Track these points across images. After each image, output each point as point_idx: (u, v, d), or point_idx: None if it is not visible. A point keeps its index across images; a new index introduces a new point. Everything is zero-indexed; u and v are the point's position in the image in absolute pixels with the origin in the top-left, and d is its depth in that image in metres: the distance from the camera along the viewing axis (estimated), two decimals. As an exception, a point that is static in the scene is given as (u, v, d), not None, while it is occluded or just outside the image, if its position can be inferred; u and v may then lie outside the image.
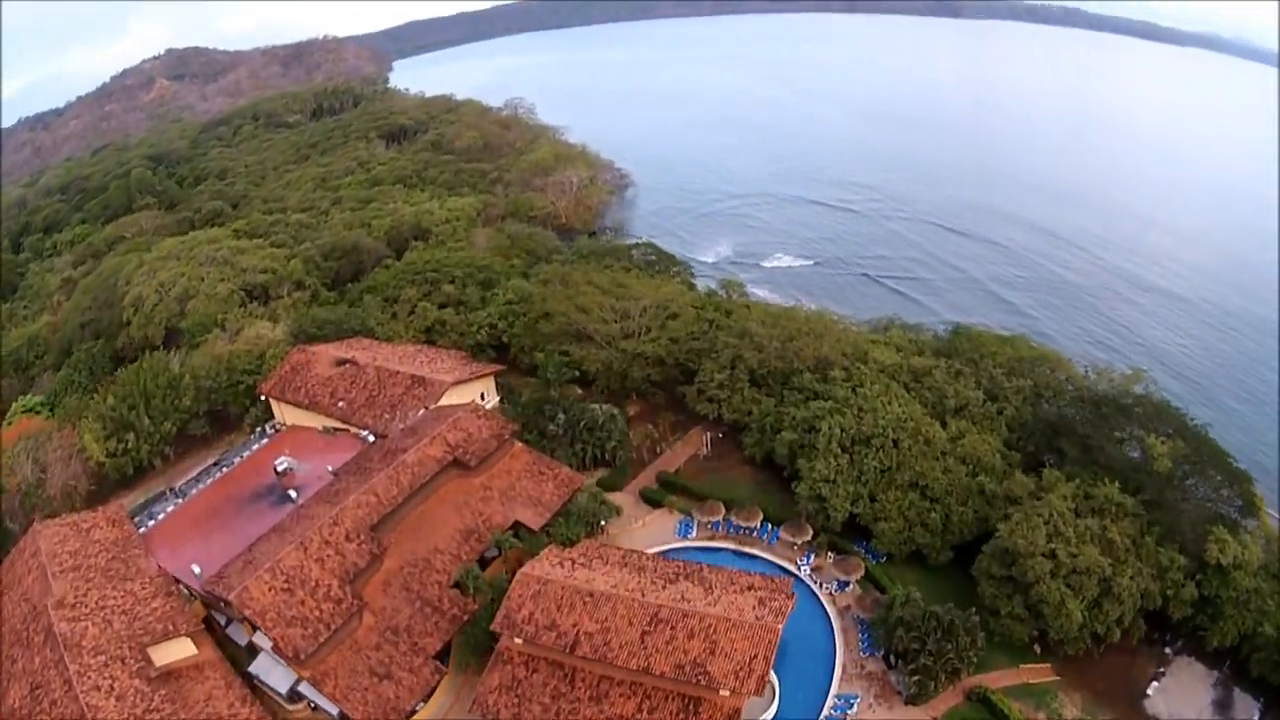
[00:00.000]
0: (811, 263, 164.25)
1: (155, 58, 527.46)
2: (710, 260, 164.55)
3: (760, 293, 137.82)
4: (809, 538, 77.34)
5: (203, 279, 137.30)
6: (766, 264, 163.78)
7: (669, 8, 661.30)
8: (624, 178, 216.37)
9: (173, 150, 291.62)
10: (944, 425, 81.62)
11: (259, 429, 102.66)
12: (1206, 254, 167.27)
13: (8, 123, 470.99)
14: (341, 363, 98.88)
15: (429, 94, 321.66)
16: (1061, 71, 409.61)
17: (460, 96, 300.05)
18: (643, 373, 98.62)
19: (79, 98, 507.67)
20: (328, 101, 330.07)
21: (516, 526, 77.16)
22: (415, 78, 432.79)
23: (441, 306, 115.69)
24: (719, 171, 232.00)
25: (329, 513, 72.55)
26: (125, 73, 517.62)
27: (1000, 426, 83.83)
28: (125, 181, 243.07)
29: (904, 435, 77.88)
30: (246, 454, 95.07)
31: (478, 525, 75.93)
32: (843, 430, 78.37)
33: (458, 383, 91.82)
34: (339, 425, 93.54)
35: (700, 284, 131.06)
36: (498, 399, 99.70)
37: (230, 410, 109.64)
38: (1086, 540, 67.55)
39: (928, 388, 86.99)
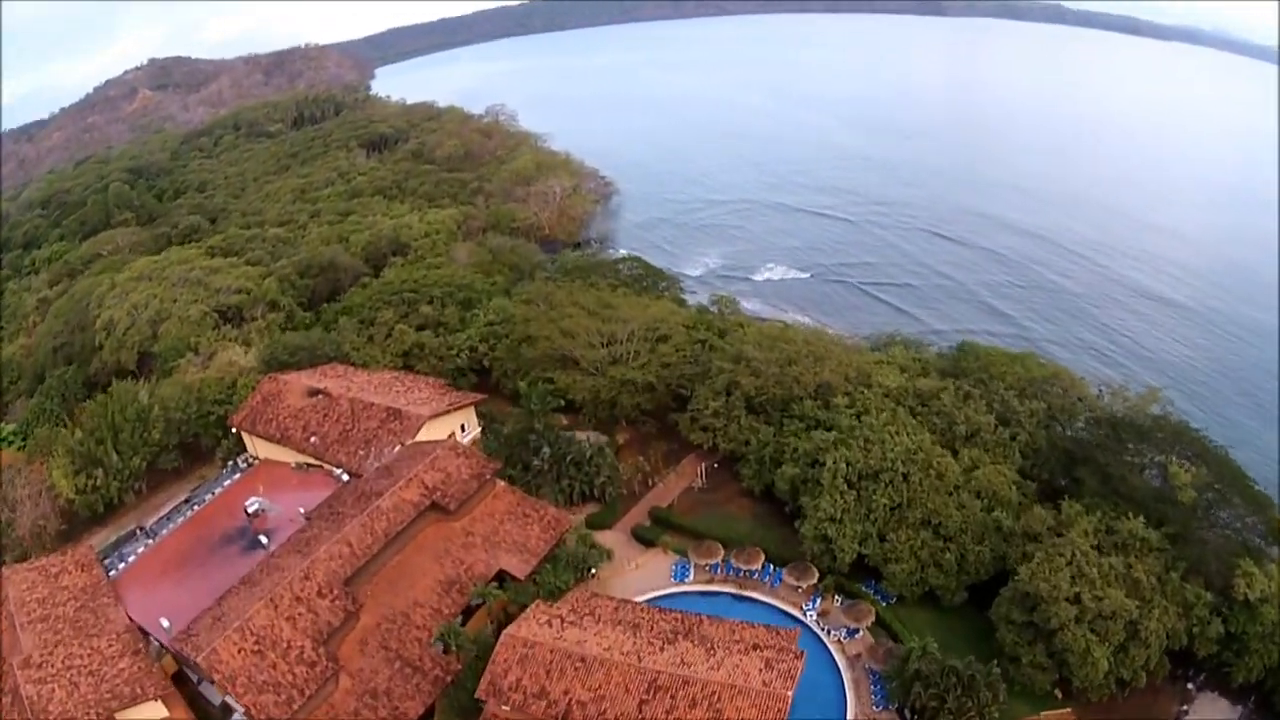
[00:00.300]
0: (802, 274, 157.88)
1: (138, 68, 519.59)
2: (698, 273, 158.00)
3: (751, 306, 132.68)
4: (814, 580, 71.56)
5: (175, 301, 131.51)
6: (756, 276, 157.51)
7: (651, 9, 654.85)
8: (608, 185, 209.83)
9: (153, 163, 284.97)
10: (955, 454, 76.06)
11: (231, 462, 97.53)
12: (1207, 258, 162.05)
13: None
14: (314, 393, 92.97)
15: (411, 101, 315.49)
16: (1048, 69, 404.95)
17: (442, 103, 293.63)
18: (632, 400, 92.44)
19: (62, 109, 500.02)
20: (309, 110, 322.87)
21: (501, 575, 71.27)
22: (398, 84, 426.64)
23: (420, 329, 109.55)
24: (704, 179, 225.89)
25: (300, 565, 66.91)
26: (108, 83, 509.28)
27: (1014, 454, 78.43)
28: (103, 197, 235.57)
29: (914, 469, 72.23)
30: (218, 490, 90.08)
31: (459, 575, 69.99)
32: (849, 464, 72.64)
33: (435, 415, 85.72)
34: (312, 461, 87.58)
35: (690, 299, 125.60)
36: (479, 429, 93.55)
37: (202, 441, 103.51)
38: (1111, 581, 62.58)
39: (936, 413, 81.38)
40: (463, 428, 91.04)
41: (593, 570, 72.98)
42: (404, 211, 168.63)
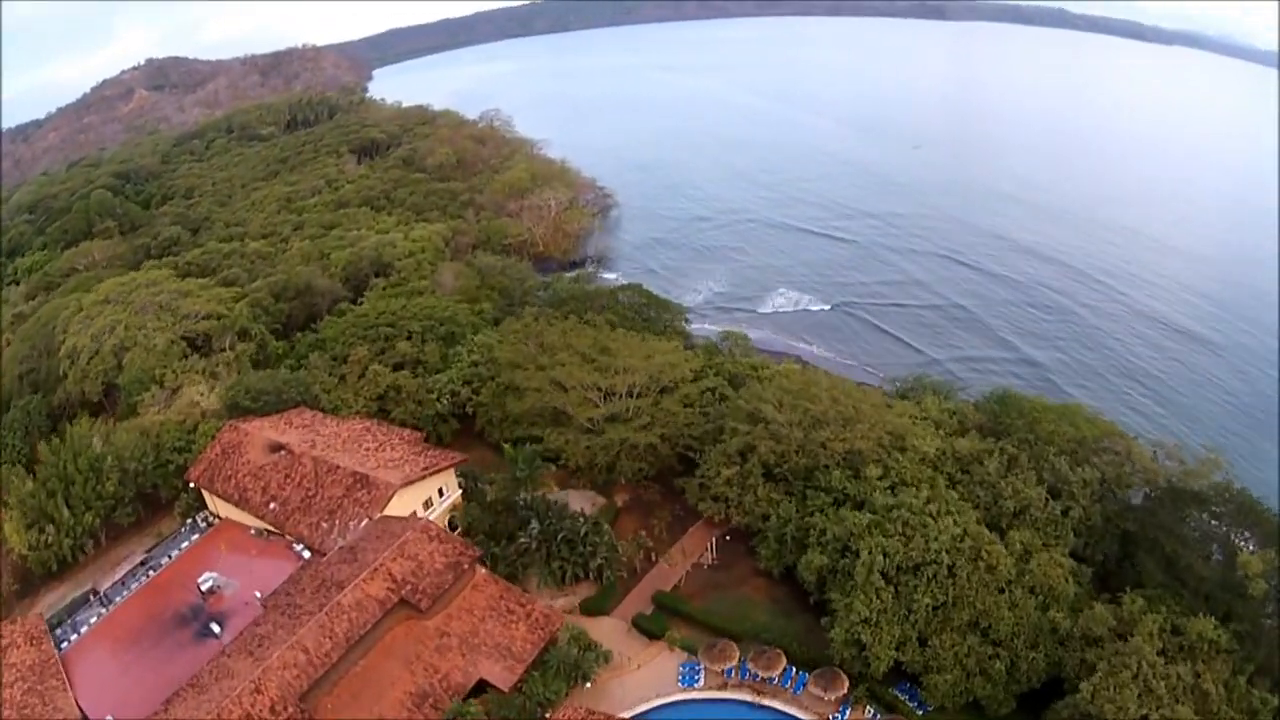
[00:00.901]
0: (813, 304, 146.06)
1: (135, 68, 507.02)
2: (701, 298, 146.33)
3: (760, 336, 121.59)
4: (844, 691, 60.45)
5: (142, 328, 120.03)
6: (764, 306, 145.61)
7: (652, 10, 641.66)
8: (607, 197, 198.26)
9: (142, 167, 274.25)
10: (1003, 536, 65.03)
11: (190, 520, 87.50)
12: (1234, 288, 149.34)
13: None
14: (276, 448, 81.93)
15: (407, 103, 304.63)
16: (1054, 75, 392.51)
17: (438, 106, 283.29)
18: (634, 465, 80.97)
19: (59, 109, 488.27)
20: (302, 113, 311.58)
21: (481, 684, 60.10)
22: (395, 86, 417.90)
23: (397, 367, 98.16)
24: (705, 192, 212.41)
25: (251, 672, 56.40)
26: (105, 83, 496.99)
27: (1067, 532, 68.01)
28: (86, 204, 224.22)
29: (961, 560, 61.10)
30: (175, 554, 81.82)
31: (433, 686, 58.83)
32: (886, 556, 61.43)
33: (408, 483, 74.30)
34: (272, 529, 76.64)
35: (697, 331, 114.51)
36: (459, 491, 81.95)
37: (161, 492, 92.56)
38: (1180, 695, 53.88)
39: (979, 483, 70.53)
40: (441, 491, 79.57)
41: (588, 680, 61.65)
42: (390, 225, 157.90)
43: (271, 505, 75.96)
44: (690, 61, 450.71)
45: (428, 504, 77.63)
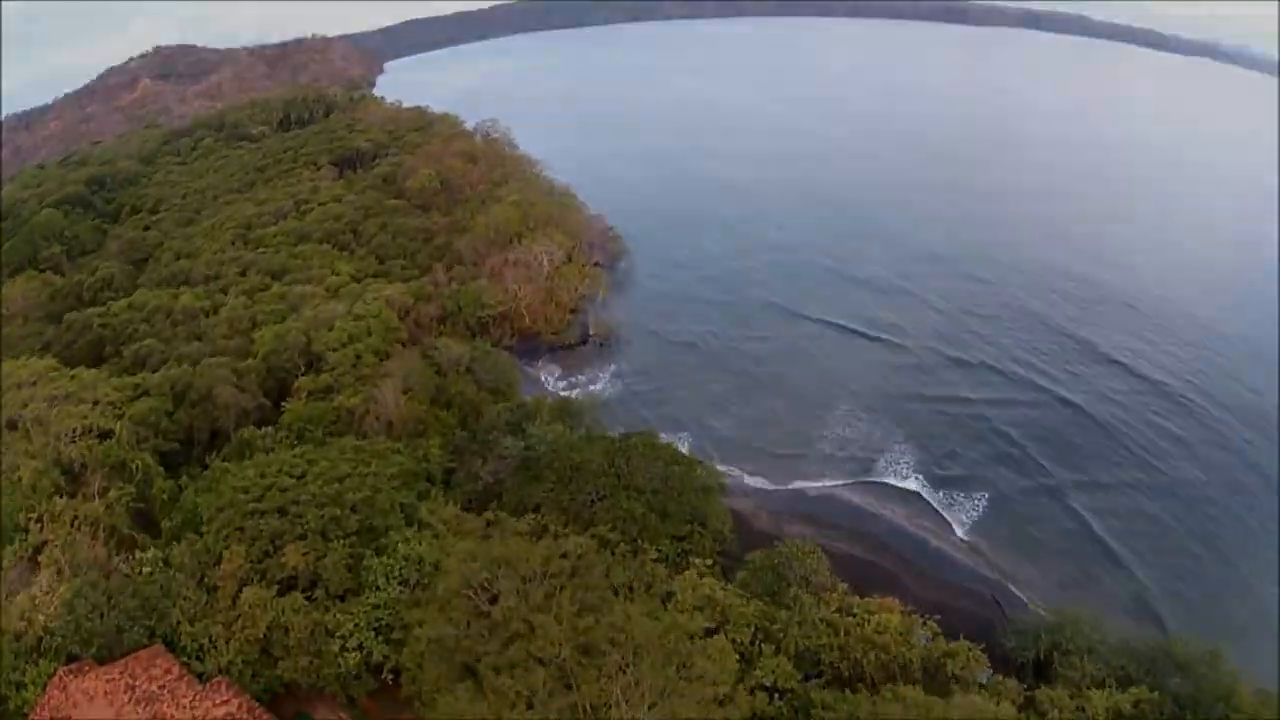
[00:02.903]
0: (893, 470, 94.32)
1: (142, 56, 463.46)
2: (748, 467, 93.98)
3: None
4: None
5: (9, 448, 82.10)
6: (805, 476, 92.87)
7: (671, 8, 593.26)
8: (614, 240, 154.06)
9: (120, 170, 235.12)
10: None
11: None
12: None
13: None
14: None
15: (409, 102, 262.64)
16: (1103, 89, 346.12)
17: (440, 108, 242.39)
18: None
19: (65, 95, 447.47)
20: (296, 111, 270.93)
21: None
22: (404, 80, 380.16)
23: (286, 589, 59.11)
24: (740, 237, 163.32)
25: None
26: (111, 71, 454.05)
27: None
28: (31, 227, 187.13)
29: None
30: None
31: None
32: None
33: None
34: None
35: (739, 499, 73.99)
36: None
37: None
38: None
39: None
40: None
41: None
42: (345, 276, 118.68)
43: None
44: (712, 62, 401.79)
45: None
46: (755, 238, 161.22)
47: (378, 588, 58.65)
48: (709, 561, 63.50)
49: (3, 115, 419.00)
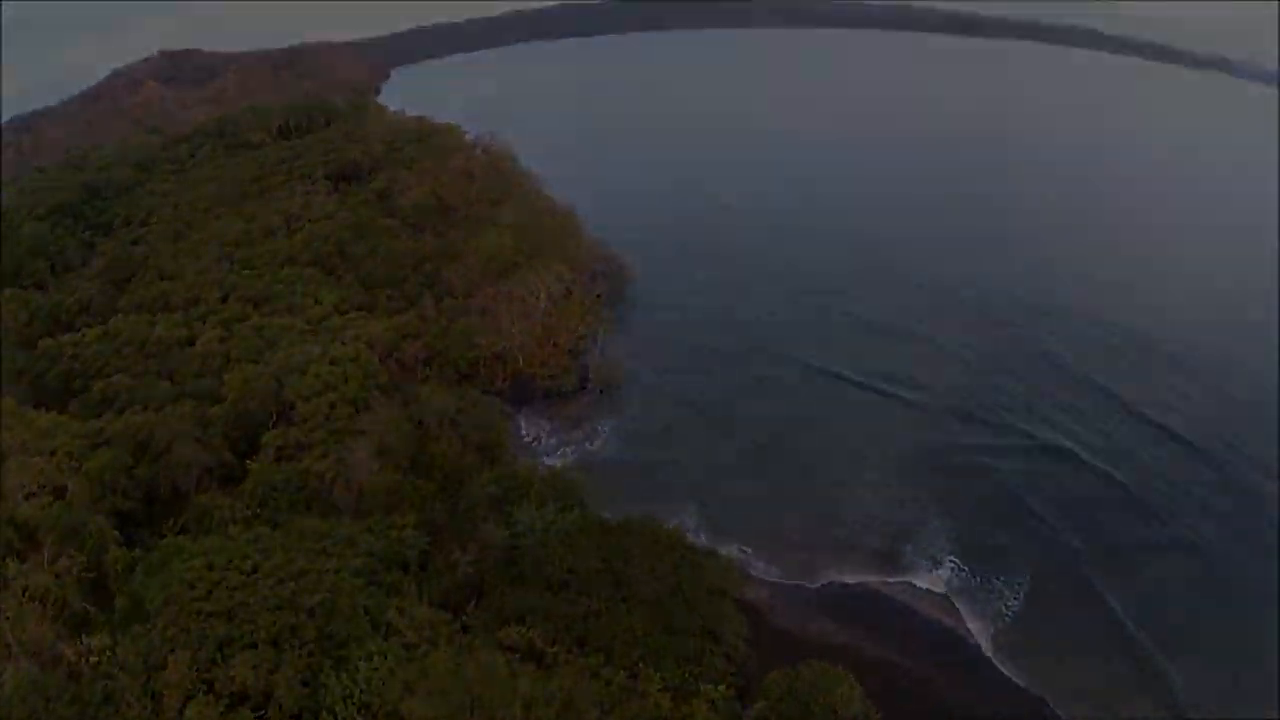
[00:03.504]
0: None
1: (147, 59, 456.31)
2: (762, 553, 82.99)
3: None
4: None
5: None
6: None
7: (678, 20, 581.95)
8: (619, 269, 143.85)
9: (113, 180, 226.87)
10: None
11: None
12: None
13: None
14: None
15: (413, 110, 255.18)
16: (1125, 110, 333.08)
17: (447, 115, 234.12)
18: None
19: (72, 96, 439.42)
20: (296, 119, 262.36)
21: None
22: (409, 89, 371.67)
23: (235, 703, 50.08)
24: (751, 269, 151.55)
25: None
26: (116, 74, 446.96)
27: None
28: (17, 240, 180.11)
29: None
30: None
31: None
32: None
33: None
34: None
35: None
36: None
37: None
38: None
39: None
40: None
41: None
42: (328, 306, 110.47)
43: None
44: (727, 75, 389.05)
45: None
46: (768, 269, 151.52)
47: (334, 713, 49.87)
48: (722, 686, 54.35)
49: (4, 118, 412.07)
